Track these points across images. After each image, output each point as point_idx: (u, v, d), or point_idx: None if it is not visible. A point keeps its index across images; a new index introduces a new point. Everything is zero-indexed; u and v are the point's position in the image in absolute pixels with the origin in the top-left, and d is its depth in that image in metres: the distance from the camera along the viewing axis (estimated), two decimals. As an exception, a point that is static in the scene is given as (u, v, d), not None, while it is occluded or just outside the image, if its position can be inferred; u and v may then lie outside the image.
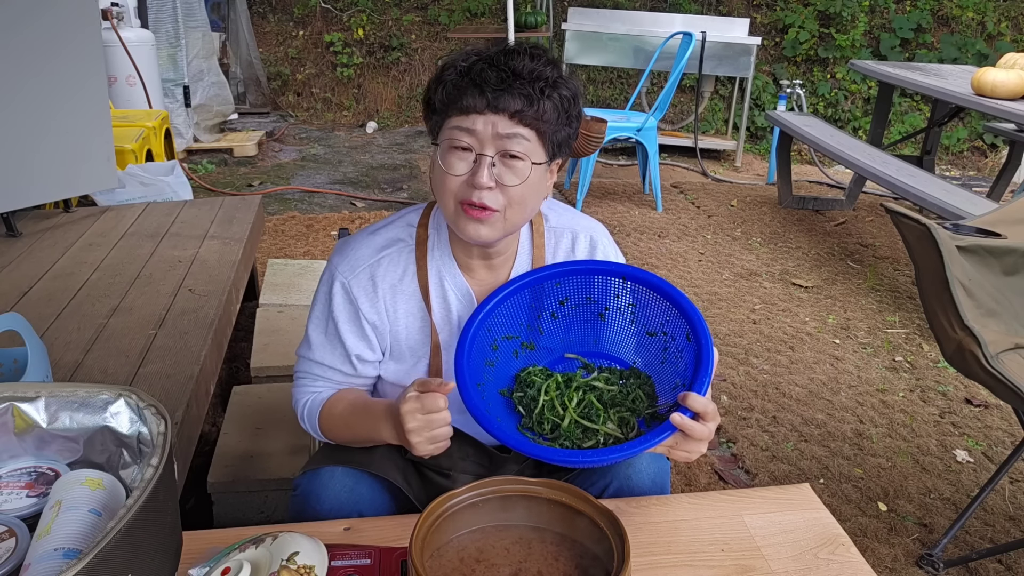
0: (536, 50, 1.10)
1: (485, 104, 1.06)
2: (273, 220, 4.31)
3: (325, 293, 1.24)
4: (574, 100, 1.12)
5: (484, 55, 1.09)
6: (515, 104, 1.06)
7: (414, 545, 0.85)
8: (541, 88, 1.07)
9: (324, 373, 1.26)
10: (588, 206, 4.74)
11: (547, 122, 1.09)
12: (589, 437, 1.08)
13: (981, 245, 1.90)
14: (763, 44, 6.64)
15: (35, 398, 0.94)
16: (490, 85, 1.05)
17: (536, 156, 1.10)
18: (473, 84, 1.06)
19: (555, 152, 1.14)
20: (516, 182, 1.08)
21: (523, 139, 1.08)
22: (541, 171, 1.12)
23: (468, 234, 1.12)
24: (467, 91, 1.06)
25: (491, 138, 1.07)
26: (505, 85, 1.05)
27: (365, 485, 1.19)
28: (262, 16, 7.50)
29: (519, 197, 1.10)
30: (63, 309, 2.09)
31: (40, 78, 2.56)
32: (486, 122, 1.06)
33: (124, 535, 0.70)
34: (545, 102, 1.07)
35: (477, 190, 1.08)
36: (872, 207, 4.96)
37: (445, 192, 1.11)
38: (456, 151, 1.09)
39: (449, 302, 1.23)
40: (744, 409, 2.64)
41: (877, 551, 1.99)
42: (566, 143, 1.15)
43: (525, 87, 1.06)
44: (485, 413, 1.06)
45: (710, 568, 1.02)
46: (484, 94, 1.05)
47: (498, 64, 1.06)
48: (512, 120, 1.06)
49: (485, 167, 1.07)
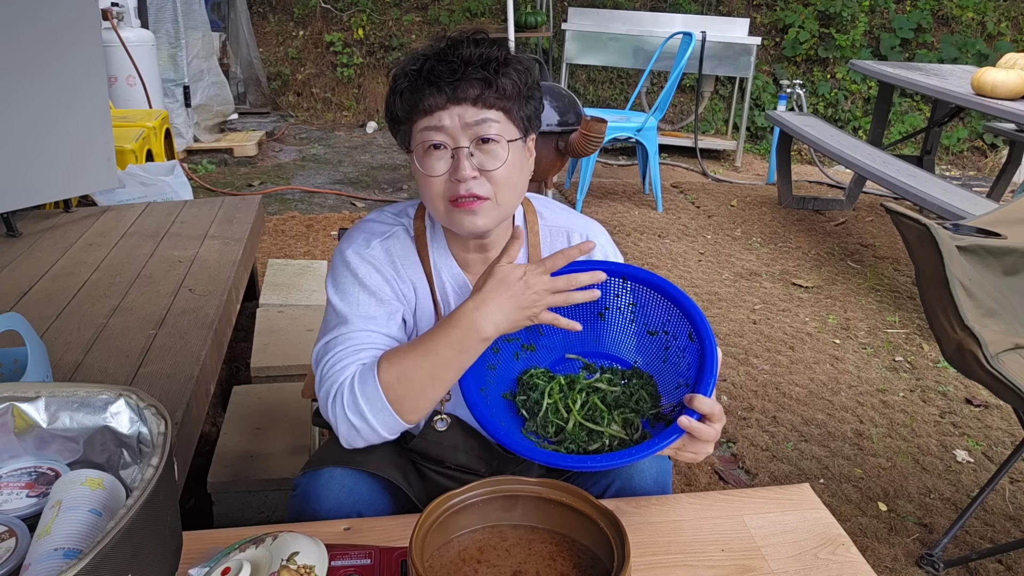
0: (478, 35, 1.12)
1: (446, 99, 1.07)
2: (273, 220, 4.31)
3: (341, 265, 1.19)
4: (528, 72, 1.14)
5: (430, 53, 1.10)
6: (474, 90, 1.07)
7: (414, 545, 0.85)
8: (495, 68, 1.08)
9: (368, 339, 1.13)
10: (588, 206, 4.74)
11: (510, 99, 1.10)
12: (594, 439, 1.08)
13: (981, 245, 1.90)
14: (763, 44, 6.64)
15: (35, 398, 0.94)
16: (445, 79, 1.06)
17: (509, 134, 1.11)
18: (428, 83, 1.07)
19: (527, 127, 1.15)
20: (497, 164, 1.09)
21: (492, 121, 1.09)
22: (518, 148, 1.13)
23: (464, 227, 1.12)
24: (424, 92, 1.07)
25: (461, 128, 1.08)
26: (459, 75, 1.06)
27: (365, 484, 1.19)
28: (262, 16, 7.50)
29: (504, 178, 1.10)
30: (63, 309, 2.09)
31: (40, 78, 2.56)
32: (451, 115, 1.07)
33: (124, 535, 0.70)
34: (502, 79, 1.08)
35: (462, 183, 1.08)
36: (872, 207, 4.96)
37: (432, 195, 1.11)
38: (432, 152, 1.09)
39: (447, 294, 1.23)
40: (744, 409, 2.64)
41: (877, 551, 1.99)
42: (535, 116, 1.17)
43: (478, 71, 1.07)
44: (490, 418, 1.06)
45: (710, 568, 1.02)
46: (442, 90, 1.06)
47: (446, 58, 1.08)
48: (476, 106, 1.08)
49: (464, 159, 1.08)
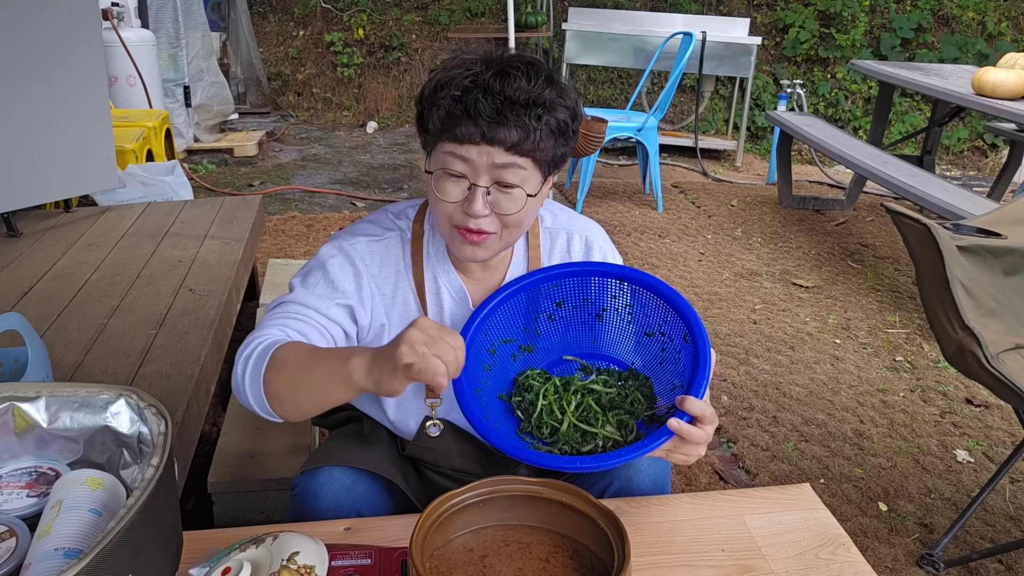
0: (533, 67, 1.06)
1: (480, 136, 1.03)
2: (273, 220, 4.31)
3: (314, 259, 1.19)
4: (573, 118, 1.09)
5: (479, 79, 1.03)
6: (511, 137, 1.03)
7: (414, 545, 0.85)
8: (538, 115, 1.03)
9: (298, 313, 1.13)
10: (588, 206, 4.74)
11: (543, 150, 1.06)
12: (588, 441, 1.08)
13: (981, 245, 1.90)
14: (763, 44, 6.64)
15: (36, 398, 0.94)
16: (484, 116, 1.01)
17: (531, 185, 1.07)
18: (467, 115, 1.02)
19: (550, 171, 1.12)
20: (512, 210, 1.07)
21: (519, 168, 1.05)
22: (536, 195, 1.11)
23: (464, 255, 1.12)
24: (461, 120, 1.03)
25: (486, 168, 1.05)
26: (500, 117, 1.02)
27: (364, 484, 1.19)
28: (262, 16, 7.50)
29: (515, 221, 1.09)
30: (63, 309, 2.09)
31: (41, 78, 2.56)
32: (480, 152, 1.04)
33: (124, 535, 0.70)
34: (542, 130, 1.04)
35: (472, 218, 1.07)
36: (872, 207, 4.96)
37: (441, 215, 1.10)
38: (450, 177, 1.07)
39: (442, 300, 1.22)
40: (744, 409, 2.64)
41: (877, 551, 1.99)
42: (563, 160, 1.13)
43: (521, 117, 1.02)
44: (483, 420, 1.06)
45: (710, 568, 1.02)
46: (479, 126, 1.02)
47: (492, 91, 1.02)
48: (508, 152, 1.04)
49: (479, 196, 1.05)
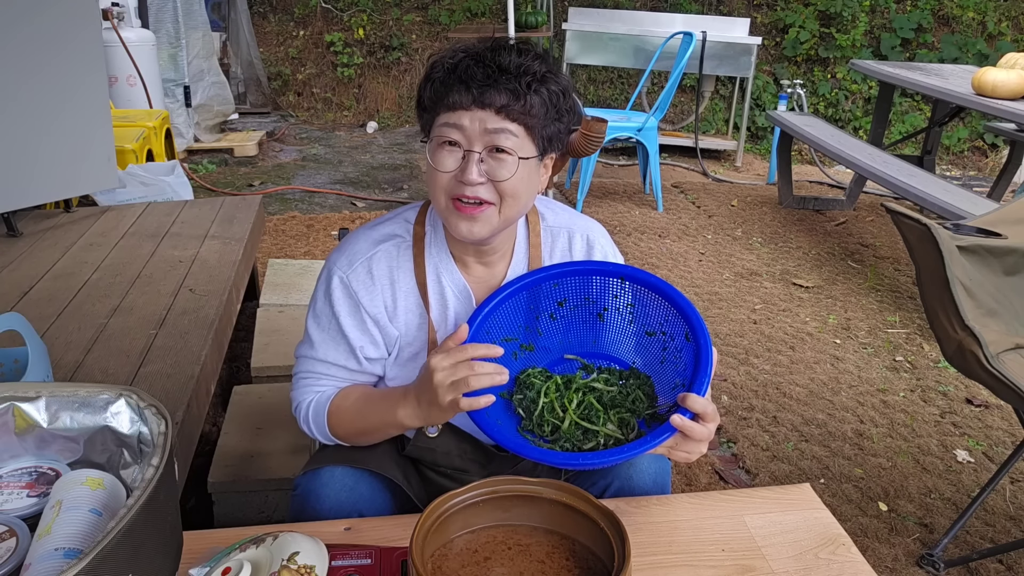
0: (524, 45, 1.10)
1: (471, 100, 1.06)
2: (274, 220, 4.31)
3: (324, 290, 1.23)
4: (564, 94, 1.12)
5: (471, 51, 1.09)
6: (501, 99, 1.06)
7: (414, 545, 0.85)
8: (528, 83, 1.07)
9: (328, 371, 1.24)
10: (588, 206, 4.74)
11: (535, 116, 1.08)
12: (589, 438, 1.08)
13: (982, 245, 1.90)
14: (763, 44, 6.64)
15: (36, 398, 0.94)
16: (476, 81, 1.05)
17: (524, 151, 1.09)
18: (459, 81, 1.06)
19: (546, 147, 1.13)
20: (505, 176, 1.08)
21: (510, 134, 1.07)
22: (531, 165, 1.11)
23: (460, 232, 1.12)
24: (454, 88, 1.07)
25: (479, 134, 1.07)
26: (491, 80, 1.05)
27: (365, 484, 1.19)
28: (263, 16, 7.50)
29: (511, 190, 1.10)
30: (64, 309, 2.09)
31: (41, 78, 2.56)
32: (473, 118, 1.07)
33: (125, 535, 0.70)
34: (532, 96, 1.07)
35: (467, 186, 1.08)
36: (873, 207, 4.96)
37: (437, 188, 1.11)
38: (445, 147, 1.09)
39: (446, 299, 1.22)
40: (744, 409, 2.64)
41: (878, 551, 1.99)
42: (557, 138, 1.14)
43: (511, 82, 1.06)
44: (485, 416, 1.06)
45: (711, 568, 1.02)
46: (470, 90, 1.06)
47: (484, 60, 1.07)
48: (499, 115, 1.06)
49: (473, 163, 1.07)
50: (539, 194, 1.22)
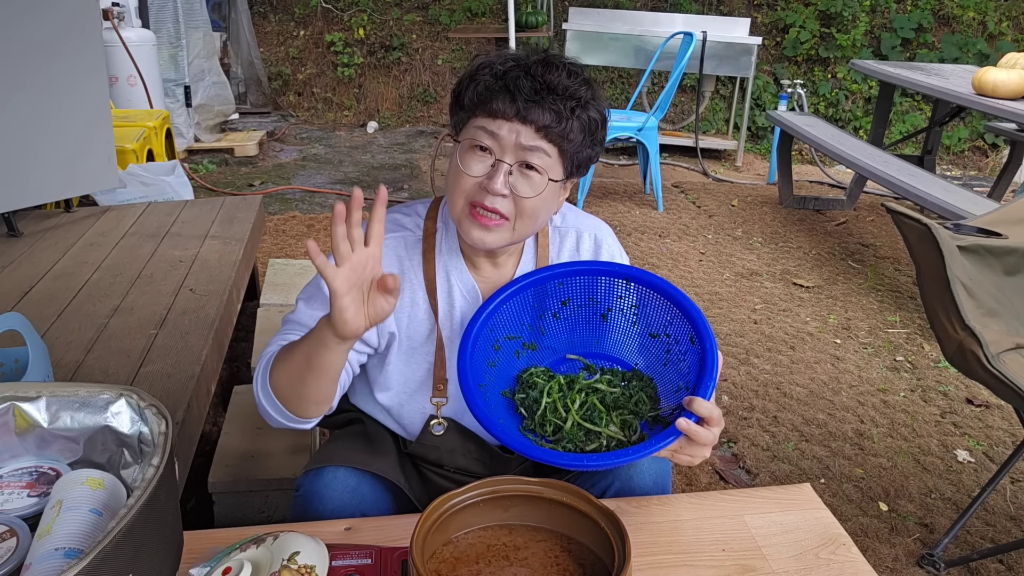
0: (574, 67, 1.10)
1: (514, 112, 1.06)
2: (274, 220, 4.31)
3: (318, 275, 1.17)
4: (602, 124, 1.12)
5: (522, 62, 1.08)
6: (544, 118, 1.06)
7: (414, 545, 0.85)
8: (572, 107, 1.07)
9: (296, 330, 1.15)
10: (589, 206, 4.74)
11: (571, 141, 1.09)
12: (592, 439, 1.08)
13: (982, 245, 1.90)
14: (764, 44, 6.64)
15: (36, 398, 0.94)
16: (522, 94, 1.05)
17: (554, 173, 1.10)
18: (506, 90, 1.06)
19: (573, 171, 1.14)
20: (530, 194, 1.08)
21: (544, 154, 1.07)
22: (556, 188, 1.12)
23: (472, 238, 1.12)
24: (498, 95, 1.06)
25: (513, 147, 1.07)
26: (537, 97, 1.05)
27: (367, 485, 1.19)
28: (263, 16, 7.50)
29: (530, 209, 1.10)
30: (64, 309, 2.09)
31: (41, 78, 2.56)
32: (511, 130, 1.06)
33: (125, 535, 0.70)
34: (573, 121, 1.07)
35: (490, 195, 1.08)
36: (873, 207, 4.96)
37: (457, 190, 1.10)
38: (476, 151, 1.08)
39: (453, 298, 1.22)
40: (745, 409, 2.64)
41: (878, 551, 1.99)
42: (586, 164, 1.15)
43: (556, 103, 1.06)
44: (488, 415, 1.06)
45: (711, 568, 1.02)
46: (515, 102, 1.05)
47: (534, 74, 1.06)
48: (537, 133, 1.06)
49: (501, 173, 1.07)
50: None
